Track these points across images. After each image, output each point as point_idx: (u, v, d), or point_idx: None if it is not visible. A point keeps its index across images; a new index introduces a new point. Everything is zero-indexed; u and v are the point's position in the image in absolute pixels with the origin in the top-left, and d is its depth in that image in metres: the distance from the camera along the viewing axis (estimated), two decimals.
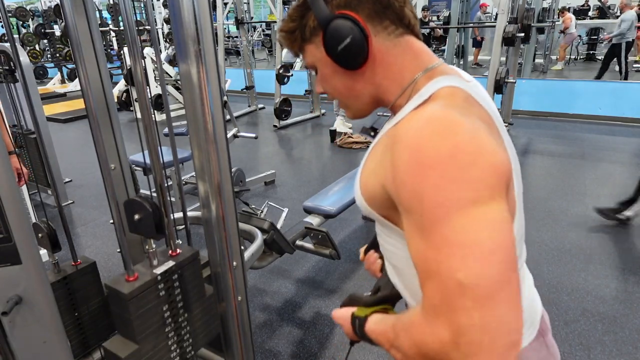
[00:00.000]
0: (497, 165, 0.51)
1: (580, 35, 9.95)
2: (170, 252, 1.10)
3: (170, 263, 1.06)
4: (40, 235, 1.28)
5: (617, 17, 10.50)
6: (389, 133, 0.62)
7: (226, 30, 12.19)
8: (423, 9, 8.65)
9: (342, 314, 0.71)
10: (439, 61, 0.67)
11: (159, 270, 1.03)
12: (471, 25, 5.55)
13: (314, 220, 2.41)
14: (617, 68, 8.70)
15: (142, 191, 1.82)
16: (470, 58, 9.79)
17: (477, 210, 0.48)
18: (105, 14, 10.01)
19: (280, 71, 6.11)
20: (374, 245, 0.87)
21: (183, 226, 1.38)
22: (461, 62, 8.29)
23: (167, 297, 1.06)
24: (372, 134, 0.75)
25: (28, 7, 10.11)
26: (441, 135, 0.50)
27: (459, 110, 0.55)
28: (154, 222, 0.99)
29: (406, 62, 0.66)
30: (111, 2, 8.56)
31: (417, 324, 0.52)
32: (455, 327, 0.47)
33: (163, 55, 7.00)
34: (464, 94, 0.60)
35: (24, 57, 3.36)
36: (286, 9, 6.08)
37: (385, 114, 0.71)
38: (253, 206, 2.39)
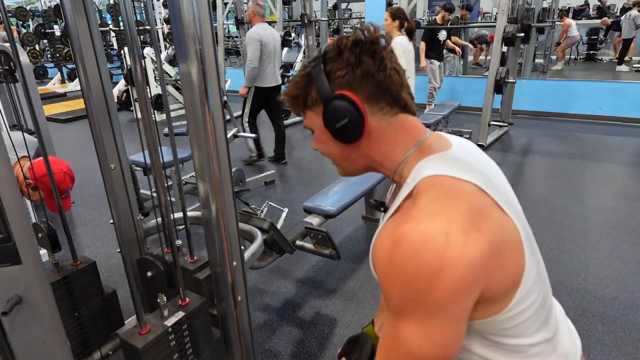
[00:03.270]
0: (457, 277, 0.58)
1: (581, 36, 9.94)
2: (179, 301, 1.14)
3: (181, 314, 1.10)
4: (40, 235, 1.28)
5: (617, 17, 10.52)
6: (387, 227, 0.68)
7: (226, 30, 12.18)
8: (462, 8, 7.65)
9: None
10: (426, 134, 0.73)
11: (169, 322, 1.08)
12: (471, 25, 5.54)
13: (314, 220, 2.41)
14: (617, 68, 8.73)
15: (142, 191, 1.82)
16: (470, 58, 9.79)
17: (427, 326, 0.60)
18: (105, 14, 10.01)
19: (280, 71, 6.11)
20: (345, 352, 0.93)
21: (183, 226, 1.38)
22: (461, 62, 8.28)
23: (177, 346, 1.10)
24: (382, 209, 0.80)
25: (28, 7, 10.11)
26: (408, 258, 0.59)
27: (435, 211, 0.61)
28: (166, 278, 1.04)
29: (398, 140, 0.72)
30: (111, 2, 8.56)
31: None
32: None
33: (163, 55, 7.01)
34: (443, 184, 0.65)
35: (24, 57, 3.36)
36: (286, 9, 6.09)
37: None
38: (253, 206, 2.40)
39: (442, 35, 5.76)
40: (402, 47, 3.74)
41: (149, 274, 1.04)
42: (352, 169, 0.78)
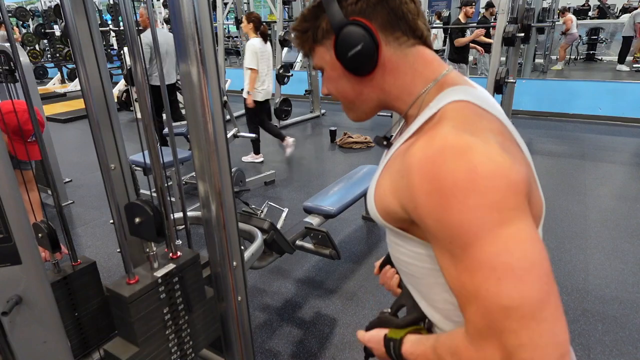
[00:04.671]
0: (514, 182, 0.51)
1: (580, 35, 9.95)
2: (170, 254, 1.10)
3: (171, 266, 1.06)
4: (40, 235, 1.28)
5: (617, 17, 10.52)
6: (404, 152, 0.61)
7: (226, 30, 12.18)
8: (487, 6, 6.99)
9: (372, 336, 0.72)
10: (448, 68, 0.68)
11: (159, 273, 1.04)
12: (472, 25, 5.54)
13: (314, 220, 2.41)
14: (618, 67, 8.73)
15: (142, 191, 1.82)
16: (471, 58, 9.78)
17: (504, 232, 0.50)
18: (105, 14, 10.01)
19: (280, 71, 6.11)
20: (389, 260, 0.87)
21: (183, 226, 1.38)
22: (465, 61, 8.28)
23: (168, 300, 1.06)
24: (385, 143, 0.75)
25: (28, 7, 10.11)
26: (456, 163, 0.51)
27: (469, 128, 0.56)
28: (155, 225, 0.99)
29: (417, 72, 0.66)
30: (111, 2, 8.55)
31: (464, 347, 0.54)
32: (505, 349, 0.49)
33: None
34: (471, 107, 0.60)
35: (24, 57, 3.37)
36: (286, 9, 6.09)
37: (383, 114, 0.71)
38: (253, 206, 2.39)
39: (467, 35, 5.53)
40: (255, 49, 4.17)
41: (137, 220, 0.99)
42: (364, 109, 0.72)
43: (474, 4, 5.42)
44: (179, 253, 1.11)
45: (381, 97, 0.69)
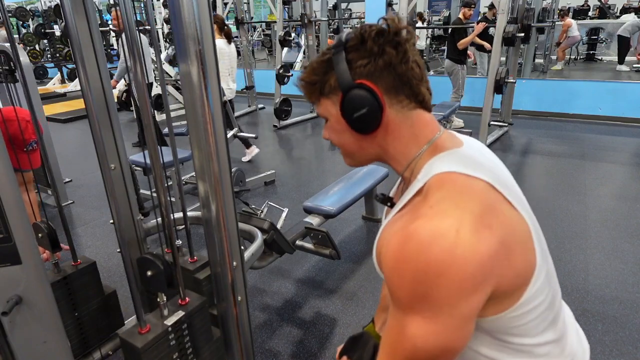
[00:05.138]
0: (466, 273, 0.58)
1: (581, 37, 9.94)
2: (179, 300, 1.14)
3: (180, 313, 1.10)
4: (40, 235, 1.28)
5: (617, 17, 10.51)
6: (396, 221, 0.69)
7: None
8: (490, 7, 6.61)
9: None
10: (440, 131, 0.73)
11: (169, 322, 1.08)
12: (471, 25, 5.54)
13: (314, 220, 2.41)
14: (618, 67, 8.73)
15: (142, 191, 1.82)
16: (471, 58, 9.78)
17: (433, 322, 0.60)
18: (105, 14, 10.01)
19: (280, 71, 6.11)
20: (346, 351, 0.92)
21: (183, 226, 1.38)
22: (464, 62, 8.28)
23: (177, 346, 1.10)
24: (389, 204, 0.80)
25: (28, 7, 10.11)
26: (417, 256, 0.59)
27: (446, 208, 0.61)
28: (166, 278, 1.04)
29: (413, 134, 0.71)
30: (111, 2, 8.55)
31: None
32: None
33: (163, 55, 7.00)
34: (455, 180, 0.64)
35: (24, 57, 3.36)
36: (286, 9, 6.09)
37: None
38: (253, 206, 2.39)
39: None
40: (220, 50, 4.22)
41: (149, 273, 1.04)
42: (361, 160, 0.77)
43: (473, 5, 5.39)
44: (187, 299, 1.15)
45: (379, 153, 0.74)
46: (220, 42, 4.35)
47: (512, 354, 0.70)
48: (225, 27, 4.44)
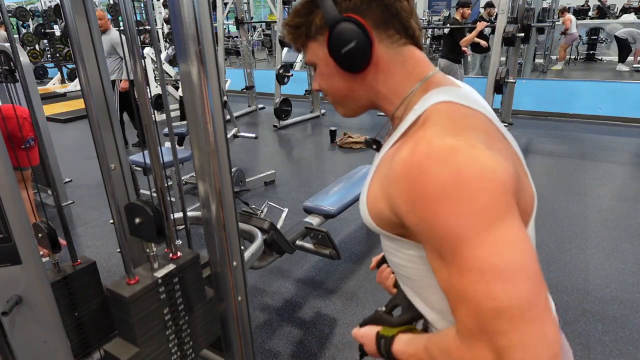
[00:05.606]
0: (501, 183, 0.51)
1: (580, 35, 9.95)
2: (170, 255, 1.10)
3: (171, 266, 1.06)
4: (40, 235, 1.28)
5: (617, 17, 10.51)
6: (391, 157, 0.62)
7: (226, 30, 12.18)
8: (486, 6, 6.65)
9: (365, 333, 0.72)
10: (434, 70, 0.68)
11: (159, 274, 1.04)
12: (471, 25, 5.54)
13: (314, 220, 2.41)
14: (618, 67, 8.73)
15: (142, 191, 1.82)
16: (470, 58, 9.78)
17: (492, 234, 0.50)
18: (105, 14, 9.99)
19: (280, 71, 6.11)
20: (385, 260, 0.88)
21: (183, 226, 1.38)
22: (461, 61, 8.29)
23: (168, 300, 1.06)
24: (375, 147, 0.76)
25: (28, 7, 10.11)
26: (441, 168, 0.51)
27: (452, 130, 0.56)
28: (155, 225, 0.99)
29: (406, 72, 0.67)
30: (111, 2, 8.55)
31: (455, 347, 0.54)
32: (496, 349, 0.49)
33: (163, 55, 7.00)
34: (455, 107, 0.61)
35: (24, 57, 3.36)
36: (286, 9, 6.08)
37: (380, 113, 0.71)
38: (253, 206, 2.39)
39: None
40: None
41: (138, 220, 1.00)
42: (354, 106, 0.72)
43: (470, 4, 5.38)
44: (179, 253, 1.11)
45: (371, 96, 0.69)
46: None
47: None
48: None
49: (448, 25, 5.89)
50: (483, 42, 5.67)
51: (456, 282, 0.52)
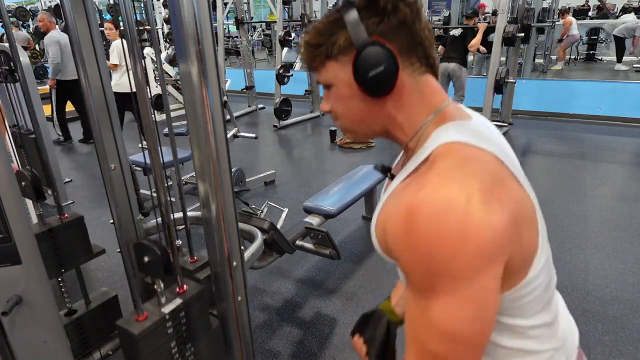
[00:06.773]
0: (484, 242, 0.55)
1: (580, 36, 9.95)
2: (177, 288, 1.12)
3: (178, 301, 1.09)
4: (23, 183, 1.26)
5: (617, 17, 10.51)
6: (400, 192, 0.65)
7: (226, 30, 12.18)
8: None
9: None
10: (448, 101, 0.70)
11: (167, 309, 1.06)
12: (470, 25, 5.54)
13: (314, 220, 2.41)
14: (616, 67, 8.73)
15: (142, 191, 1.82)
16: (471, 58, 9.77)
17: (461, 294, 0.56)
18: (105, 14, 10.00)
19: (280, 71, 6.11)
20: (358, 329, 0.91)
21: (183, 226, 1.38)
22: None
23: (175, 334, 1.09)
24: (389, 175, 0.77)
25: (28, 7, 10.12)
26: (430, 224, 0.56)
27: (455, 178, 0.58)
28: (163, 264, 1.02)
29: (422, 101, 0.68)
30: (111, 2, 8.55)
31: None
32: None
33: (163, 55, 7.00)
34: (463, 151, 0.62)
35: (23, 57, 3.36)
36: (286, 9, 6.08)
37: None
38: (253, 206, 2.40)
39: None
40: (119, 49, 5.01)
41: (146, 259, 1.02)
42: (366, 132, 0.72)
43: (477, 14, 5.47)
44: (185, 287, 1.13)
45: (386, 123, 0.70)
46: (118, 41, 4.90)
47: (503, 334, 0.69)
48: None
49: (448, 25, 5.88)
50: (482, 49, 5.73)
51: (418, 323, 0.61)
